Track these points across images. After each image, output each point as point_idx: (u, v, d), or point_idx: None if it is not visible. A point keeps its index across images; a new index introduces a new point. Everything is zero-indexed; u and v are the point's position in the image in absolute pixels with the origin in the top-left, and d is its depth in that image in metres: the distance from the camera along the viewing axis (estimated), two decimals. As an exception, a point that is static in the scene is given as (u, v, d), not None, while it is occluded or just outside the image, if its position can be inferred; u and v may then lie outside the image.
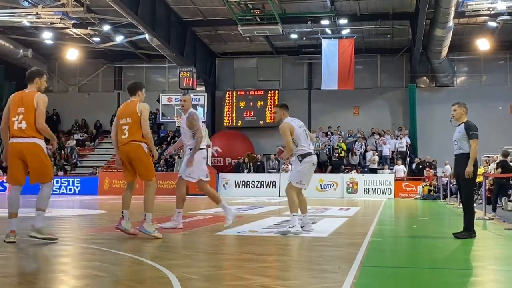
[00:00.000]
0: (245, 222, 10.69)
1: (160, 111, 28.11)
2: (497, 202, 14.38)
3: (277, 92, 30.97)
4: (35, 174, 7.00)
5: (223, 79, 32.91)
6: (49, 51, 31.29)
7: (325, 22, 26.44)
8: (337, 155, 28.09)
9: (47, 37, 27.94)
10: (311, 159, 8.52)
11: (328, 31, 27.76)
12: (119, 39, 28.13)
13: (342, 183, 25.73)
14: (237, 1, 23.26)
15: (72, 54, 29.91)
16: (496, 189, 14.64)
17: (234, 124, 31.28)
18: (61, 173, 29.07)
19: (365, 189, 25.45)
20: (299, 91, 31.61)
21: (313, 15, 25.72)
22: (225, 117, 31.39)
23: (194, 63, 28.83)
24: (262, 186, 26.55)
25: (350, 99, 30.54)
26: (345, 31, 27.76)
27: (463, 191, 8.39)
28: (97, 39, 29.02)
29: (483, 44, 27.64)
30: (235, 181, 26.83)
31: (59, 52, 30.65)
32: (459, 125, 8.30)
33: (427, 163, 27.26)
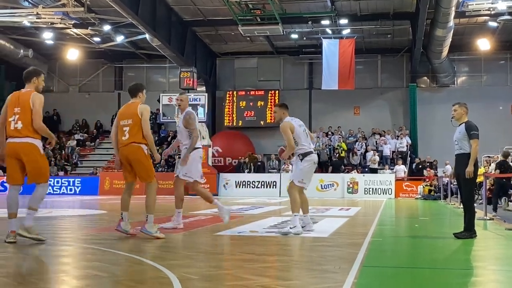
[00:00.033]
0: (245, 222, 10.69)
1: (160, 111, 28.12)
2: (497, 202, 14.37)
3: (277, 92, 30.98)
4: (31, 174, 6.99)
5: (223, 79, 32.91)
6: (50, 51, 31.30)
7: (325, 22, 26.45)
8: (337, 155, 28.08)
9: (48, 37, 27.95)
10: (312, 157, 8.54)
11: (328, 31, 27.76)
12: (120, 39, 28.13)
13: (342, 183, 25.73)
14: (238, 1, 23.26)
15: (72, 54, 29.92)
16: (496, 189, 14.64)
17: (234, 124, 31.28)
18: (62, 173, 29.07)
19: (366, 189, 25.44)
20: (299, 91, 31.62)
21: (314, 15, 25.73)
22: (225, 117, 31.40)
23: (194, 63, 28.84)
24: (262, 186, 26.54)
25: (350, 99, 30.54)
26: (346, 31, 27.76)
27: (464, 191, 8.39)
28: (97, 39, 29.02)
29: (484, 44, 27.63)
30: (235, 181, 26.82)
31: (60, 52, 30.66)
32: (460, 125, 8.30)
33: (427, 163, 27.26)
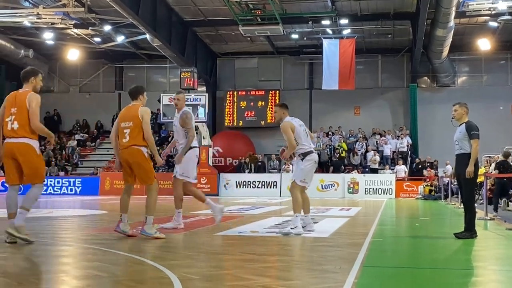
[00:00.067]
0: (246, 222, 10.69)
1: (161, 111, 28.09)
2: (498, 202, 14.36)
3: (278, 92, 30.99)
4: (26, 174, 6.95)
5: (224, 79, 32.92)
6: (50, 51, 31.32)
7: (326, 22, 26.46)
8: (338, 155, 28.08)
9: (48, 37, 27.95)
10: (313, 157, 8.56)
11: (329, 31, 27.76)
12: (120, 39, 28.14)
13: (343, 183, 25.73)
14: (238, 1, 23.27)
15: (73, 54, 29.93)
16: (497, 189, 14.62)
17: (235, 124, 31.29)
18: (62, 174, 29.08)
19: (366, 189, 25.45)
20: (300, 91, 31.62)
21: (314, 15, 25.73)
22: (226, 117, 31.41)
23: (195, 63, 28.84)
24: (263, 186, 26.55)
25: (351, 99, 30.54)
26: (346, 31, 27.77)
27: (464, 191, 8.39)
28: (98, 40, 29.03)
29: (484, 44, 27.63)
30: (236, 181, 26.82)
31: (60, 52, 30.67)
32: (460, 125, 8.30)
33: (427, 163, 27.26)
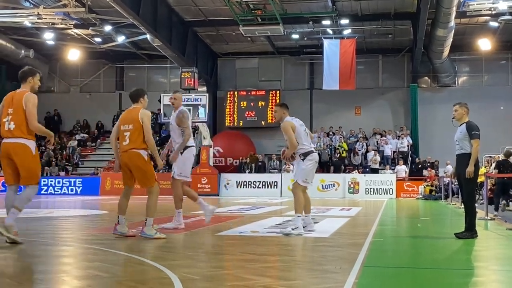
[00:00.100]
0: (246, 222, 10.69)
1: (161, 112, 28.09)
2: (499, 201, 14.34)
3: (278, 92, 31.00)
4: (21, 175, 6.91)
5: (224, 79, 32.93)
6: (51, 51, 31.33)
7: (326, 22, 26.46)
8: (338, 155, 28.08)
9: (49, 37, 27.97)
10: (314, 157, 8.59)
11: (329, 31, 27.76)
12: (121, 39, 28.15)
13: (343, 183, 25.73)
14: (239, 2, 23.28)
15: (73, 54, 29.94)
16: (498, 189, 14.60)
17: (235, 124, 31.30)
18: (63, 174, 29.09)
19: (367, 189, 25.44)
20: (300, 91, 31.63)
21: (315, 15, 25.73)
22: (226, 117, 31.42)
23: (195, 63, 28.85)
24: (263, 186, 26.55)
25: (351, 99, 30.54)
26: (347, 31, 27.76)
27: (465, 191, 8.39)
28: (98, 40, 29.04)
29: (485, 44, 27.63)
30: (236, 181, 26.82)
31: (61, 52, 30.69)
32: (461, 125, 8.29)
33: (428, 163, 27.25)
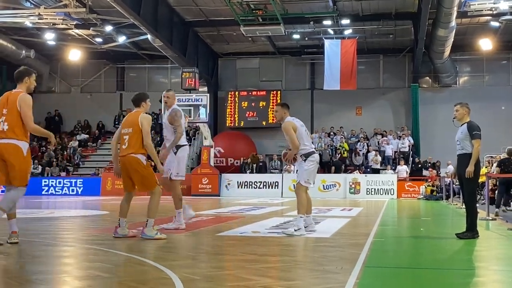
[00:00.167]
0: (247, 222, 10.69)
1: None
2: (501, 199, 14.31)
3: (279, 92, 31.01)
4: (10, 176, 6.85)
5: (225, 79, 32.93)
6: (52, 52, 31.35)
7: (327, 22, 26.45)
8: (339, 155, 28.08)
9: (50, 38, 28.00)
10: (315, 157, 8.61)
11: (330, 31, 27.76)
12: (122, 39, 28.15)
13: (344, 183, 25.72)
14: (240, 2, 23.28)
15: (74, 54, 29.95)
16: (501, 188, 14.57)
17: (236, 124, 31.30)
18: (64, 174, 29.11)
19: (368, 190, 25.43)
20: (301, 92, 31.63)
21: (315, 16, 25.73)
22: (227, 117, 31.42)
23: (196, 63, 28.85)
24: (264, 186, 26.54)
25: (352, 100, 30.54)
26: (347, 31, 27.76)
27: (465, 191, 8.38)
28: (99, 40, 29.06)
29: (486, 44, 27.61)
30: (237, 182, 26.81)
31: (62, 53, 30.71)
32: (462, 125, 8.29)
33: (429, 164, 27.24)
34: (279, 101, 28.94)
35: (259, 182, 26.68)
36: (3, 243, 6.88)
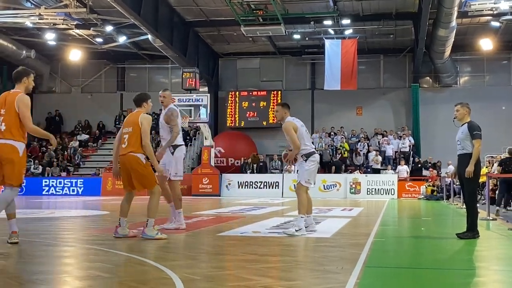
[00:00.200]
0: (248, 222, 10.69)
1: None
2: (502, 198, 14.31)
3: (280, 92, 31.01)
4: (4, 176, 6.84)
5: (226, 79, 32.94)
6: (52, 52, 31.35)
7: (327, 22, 26.45)
8: (339, 155, 28.08)
9: (50, 38, 28.00)
10: (316, 157, 8.62)
11: (331, 31, 27.76)
12: (122, 39, 28.15)
13: (345, 183, 25.71)
14: (240, 2, 23.28)
15: (75, 55, 29.95)
16: (502, 187, 14.56)
17: (237, 124, 31.30)
18: (64, 174, 29.11)
19: (368, 190, 25.43)
20: (302, 92, 31.63)
21: (316, 16, 25.73)
22: (228, 117, 31.42)
23: (197, 63, 28.85)
24: (265, 186, 26.54)
25: (353, 100, 30.54)
26: (348, 31, 27.75)
27: (466, 191, 8.38)
28: (100, 40, 29.07)
29: (486, 44, 27.60)
30: (238, 182, 26.82)
31: (62, 53, 30.71)
32: (462, 125, 8.28)
33: (429, 164, 27.24)
34: (279, 101, 28.95)
35: (259, 182, 26.68)
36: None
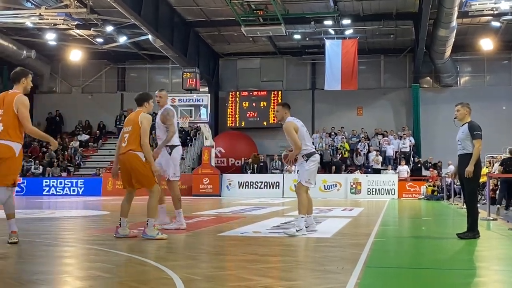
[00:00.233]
0: (248, 222, 10.69)
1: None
2: (502, 197, 14.30)
3: (280, 92, 31.02)
4: (2, 176, 6.80)
5: (226, 79, 32.94)
6: (53, 52, 31.36)
7: (328, 22, 26.46)
8: (340, 155, 28.08)
9: (51, 38, 28.01)
10: (316, 158, 8.64)
11: (331, 31, 27.76)
12: (122, 40, 28.17)
13: (345, 183, 25.71)
14: (240, 2, 23.28)
15: (75, 55, 29.95)
16: (503, 187, 14.54)
17: (237, 124, 31.31)
18: (65, 174, 29.11)
19: (369, 190, 25.42)
20: (302, 92, 31.63)
21: (316, 16, 25.73)
22: (228, 117, 31.42)
23: (197, 63, 28.86)
24: (265, 186, 26.53)
25: (353, 100, 30.54)
26: (348, 32, 27.76)
27: (466, 191, 8.38)
28: (100, 40, 29.08)
29: (487, 44, 27.61)
30: (238, 182, 26.81)
31: (63, 53, 30.71)
32: (463, 125, 8.28)
33: (430, 164, 27.23)
34: (280, 101, 28.96)
35: (260, 182, 26.68)
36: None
